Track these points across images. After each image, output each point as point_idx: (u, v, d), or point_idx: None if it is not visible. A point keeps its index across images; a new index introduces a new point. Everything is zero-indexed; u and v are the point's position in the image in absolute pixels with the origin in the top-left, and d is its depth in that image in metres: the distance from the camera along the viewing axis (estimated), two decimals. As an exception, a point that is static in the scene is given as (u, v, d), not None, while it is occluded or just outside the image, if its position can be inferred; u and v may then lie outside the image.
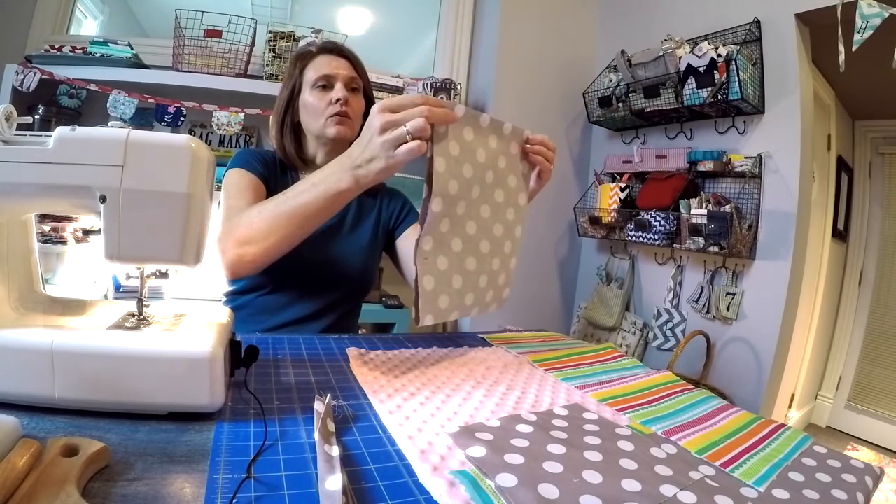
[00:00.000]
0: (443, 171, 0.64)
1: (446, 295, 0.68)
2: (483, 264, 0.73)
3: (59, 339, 0.45)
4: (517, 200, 0.76)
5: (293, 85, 1.03)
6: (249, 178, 0.96)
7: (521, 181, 0.77)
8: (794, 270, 1.59)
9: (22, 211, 0.54)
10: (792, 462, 0.51)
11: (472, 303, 0.73)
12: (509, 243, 0.77)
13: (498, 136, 0.71)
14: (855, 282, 2.79)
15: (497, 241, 0.74)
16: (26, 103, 1.62)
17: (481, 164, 0.69)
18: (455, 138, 0.65)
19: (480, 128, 0.68)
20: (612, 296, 2.07)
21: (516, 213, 0.77)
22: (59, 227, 1.58)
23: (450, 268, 0.68)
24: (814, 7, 1.53)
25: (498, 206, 0.73)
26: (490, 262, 0.74)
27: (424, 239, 0.65)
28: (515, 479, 0.41)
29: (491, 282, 0.75)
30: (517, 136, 0.74)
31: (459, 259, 0.69)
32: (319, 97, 0.99)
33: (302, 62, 1.03)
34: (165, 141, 0.51)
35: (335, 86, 0.99)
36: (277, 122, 1.04)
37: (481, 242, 0.72)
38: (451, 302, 0.69)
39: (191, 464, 0.40)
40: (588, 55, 2.34)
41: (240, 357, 0.55)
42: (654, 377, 0.75)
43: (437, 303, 0.67)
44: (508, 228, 0.76)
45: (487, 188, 0.71)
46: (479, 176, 0.69)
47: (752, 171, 1.62)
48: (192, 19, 1.73)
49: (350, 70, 1.02)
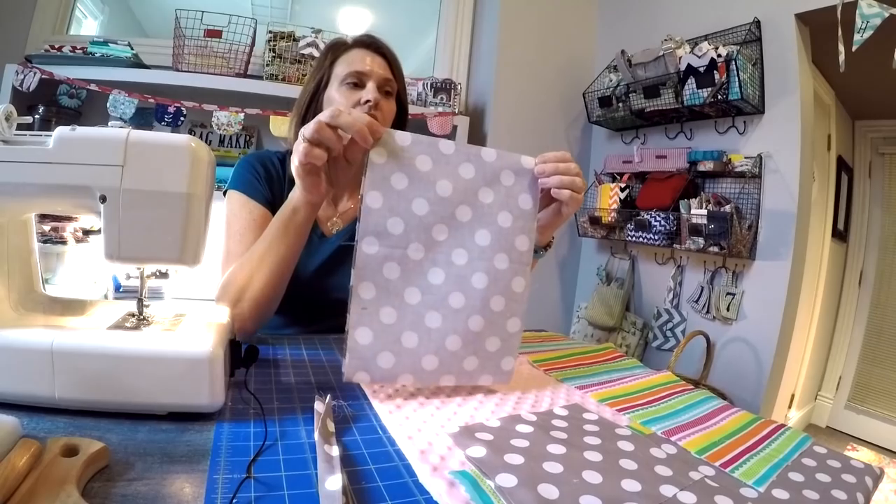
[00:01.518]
0: (377, 208, 0.56)
1: (391, 353, 0.58)
2: (453, 322, 0.59)
3: (59, 339, 0.45)
4: (514, 244, 0.62)
5: (321, 77, 0.93)
6: (250, 211, 0.89)
7: (522, 219, 0.62)
8: (794, 270, 1.59)
9: (22, 211, 0.54)
10: (792, 462, 0.51)
11: (438, 368, 0.60)
12: (501, 299, 0.61)
13: (477, 165, 0.60)
14: (855, 282, 2.79)
15: (478, 295, 0.60)
16: (26, 103, 1.62)
17: (445, 199, 0.59)
18: (400, 168, 0.57)
19: (443, 155, 0.59)
20: (612, 296, 2.07)
21: (513, 260, 0.62)
22: (59, 227, 1.58)
23: (399, 322, 0.58)
24: (814, 7, 1.53)
25: (480, 252, 0.60)
26: (466, 321, 0.60)
27: (362, 285, 0.57)
28: (515, 479, 0.41)
29: (472, 346, 0.61)
30: (511, 162, 0.62)
31: (415, 313, 0.58)
32: (347, 95, 0.88)
33: (334, 53, 0.93)
34: (165, 141, 0.51)
35: (367, 85, 0.88)
36: (298, 116, 0.95)
37: (451, 295, 0.59)
38: (400, 363, 0.58)
39: (191, 464, 0.40)
40: (588, 55, 2.34)
41: (240, 357, 0.55)
42: (654, 377, 0.75)
43: (377, 361, 0.57)
44: (498, 280, 0.61)
45: (461, 228, 0.60)
46: (442, 213, 0.59)
47: (752, 172, 1.62)
48: (192, 19, 1.73)
49: (386, 70, 0.92)
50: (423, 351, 0.59)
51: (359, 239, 0.56)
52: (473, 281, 0.60)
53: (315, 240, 0.93)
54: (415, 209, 0.58)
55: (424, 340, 0.59)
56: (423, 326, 0.59)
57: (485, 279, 0.60)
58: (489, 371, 0.63)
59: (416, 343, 0.59)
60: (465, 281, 0.60)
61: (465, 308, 0.60)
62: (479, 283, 0.60)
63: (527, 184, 0.63)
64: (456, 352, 0.60)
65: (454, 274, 0.60)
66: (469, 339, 0.60)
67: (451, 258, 0.60)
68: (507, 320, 0.63)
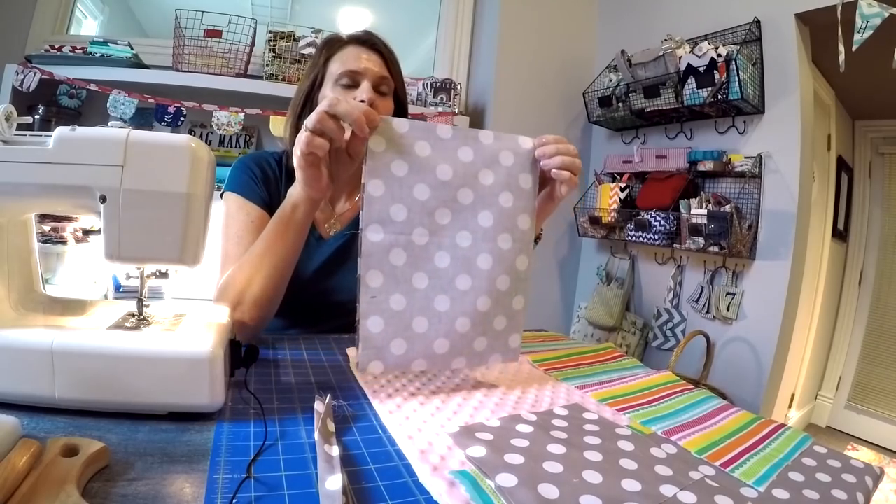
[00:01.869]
0: (379, 195, 0.56)
1: (403, 340, 0.58)
2: (462, 305, 0.60)
3: (59, 339, 0.45)
4: (516, 224, 0.63)
5: (315, 75, 0.91)
6: (247, 213, 0.88)
7: (523, 199, 0.64)
8: (794, 270, 1.59)
9: (22, 211, 0.54)
10: (792, 462, 0.51)
11: (450, 352, 0.61)
12: (506, 278, 0.63)
13: (475, 148, 0.61)
14: (855, 282, 2.79)
15: (485, 275, 0.61)
16: (26, 103, 1.62)
17: (446, 183, 0.59)
18: (399, 155, 0.57)
19: (441, 140, 0.59)
20: (612, 296, 2.07)
21: (516, 239, 0.63)
22: (59, 227, 1.58)
23: (409, 308, 0.58)
24: (814, 7, 1.53)
25: (484, 233, 0.61)
26: (474, 302, 0.61)
27: (370, 273, 0.57)
28: (515, 479, 0.41)
29: (480, 326, 0.62)
30: (509, 143, 0.63)
31: (425, 297, 0.59)
32: (341, 95, 0.86)
33: (328, 51, 0.91)
34: (165, 141, 0.51)
35: (361, 85, 0.86)
36: (293, 115, 0.93)
37: (458, 278, 0.60)
38: (413, 349, 0.59)
39: (191, 464, 0.40)
40: (588, 55, 2.34)
41: (240, 357, 0.55)
42: (654, 377, 0.75)
43: (390, 348, 0.58)
44: (503, 260, 0.62)
45: (464, 211, 0.60)
46: (444, 197, 0.59)
47: (752, 171, 1.62)
48: (192, 19, 1.73)
49: (381, 68, 0.90)
50: (434, 335, 0.60)
51: (363, 227, 0.56)
52: (479, 262, 0.61)
53: (313, 242, 0.92)
54: (417, 195, 0.58)
55: (435, 324, 0.60)
56: (433, 310, 0.60)
57: (490, 259, 0.62)
58: (498, 350, 0.65)
59: (427, 327, 0.59)
60: (470, 263, 0.61)
61: (473, 289, 0.61)
62: (485, 264, 0.61)
63: (526, 164, 0.64)
64: (466, 333, 0.61)
65: (460, 256, 0.60)
66: (478, 320, 0.62)
67: (456, 241, 0.60)
68: (512, 299, 0.64)
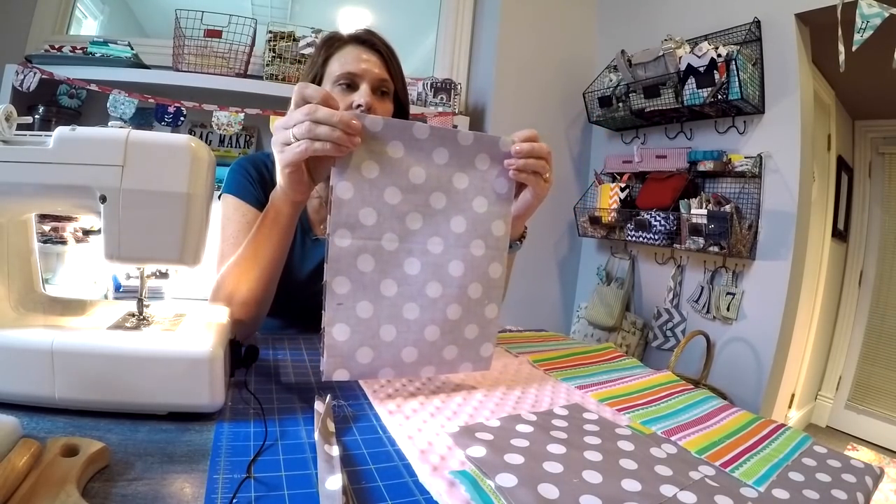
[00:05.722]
0: (348, 199, 0.55)
1: (369, 348, 0.57)
2: (431, 312, 0.59)
3: (59, 339, 0.45)
4: (490, 230, 0.61)
5: (314, 75, 0.89)
6: (243, 214, 0.87)
7: (498, 204, 0.61)
8: (794, 270, 1.59)
9: (22, 211, 0.54)
10: (792, 462, 0.51)
11: (418, 360, 0.59)
12: (478, 286, 0.61)
13: (451, 149, 0.58)
14: (855, 282, 2.79)
15: (456, 283, 0.59)
16: (26, 103, 1.62)
17: (418, 187, 0.57)
18: (370, 157, 0.55)
19: (416, 140, 0.57)
20: (612, 296, 2.07)
21: (489, 246, 0.61)
22: (59, 227, 1.58)
23: (376, 315, 0.57)
24: (814, 7, 1.53)
25: (456, 239, 0.59)
26: (444, 310, 0.59)
27: (337, 280, 0.55)
28: (515, 479, 0.41)
29: (450, 335, 0.60)
30: (487, 146, 0.60)
31: (393, 305, 0.57)
32: (339, 98, 0.83)
33: (327, 50, 0.88)
34: (165, 141, 0.51)
35: (360, 87, 0.84)
36: None
37: (428, 285, 0.58)
38: (379, 357, 0.58)
39: (191, 464, 0.40)
40: (588, 55, 2.34)
41: (240, 357, 0.55)
42: (654, 377, 0.75)
43: (356, 357, 0.57)
44: (475, 267, 0.60)
45: (436, 216, 0.59)
46: (416, 202, 0.57)
47: (752, 171, 1.62)
48: (192, 19, 1.73)
49: (381, 69, 0.87)
50: (401, 343, 0.58)
51: (330, 232, 0.55)
52: (450, 269, 0.59)
53: (308, 243, 0.93)
54: (387, 198, 0.56)
55: (403, 332, 0.58)
56: (401, 318, 0.58)
57: (461, 266, 0.60)
58: (469, 359, 0.63)
59: (395, 336, 0.58)
60: (441, 269, 0.59)
61: (443, 297, 0.59)
62: (456, 271, 0.60)
63: (503, 167, 0.61)
64: (435, 342, 0.60)
65: (430, 263, 0.59)
66: (447, 328, 0.60)
67: (427, 247, 0.59)
68: (484, 307, 0.62)
